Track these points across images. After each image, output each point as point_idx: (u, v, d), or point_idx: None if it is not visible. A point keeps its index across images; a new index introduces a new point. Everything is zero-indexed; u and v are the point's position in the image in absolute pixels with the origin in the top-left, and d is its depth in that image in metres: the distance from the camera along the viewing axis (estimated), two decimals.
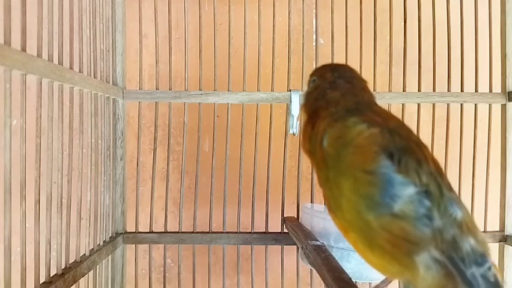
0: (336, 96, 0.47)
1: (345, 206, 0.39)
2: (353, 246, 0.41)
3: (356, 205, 0.38)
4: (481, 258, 0.37)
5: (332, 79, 0.49)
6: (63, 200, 0.58)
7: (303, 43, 0.85)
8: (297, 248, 0.79)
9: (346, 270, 0.49)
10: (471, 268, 0.36)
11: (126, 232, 0.85)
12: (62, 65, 0.57)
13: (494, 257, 0.86)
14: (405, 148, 0.39)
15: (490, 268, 0.37)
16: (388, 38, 0.85)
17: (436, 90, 0.85)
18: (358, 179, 0.38)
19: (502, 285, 0.37)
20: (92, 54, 0.70)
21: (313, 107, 0.48)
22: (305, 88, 0.54)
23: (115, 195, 0.82)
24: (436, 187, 0.38)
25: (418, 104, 0.86)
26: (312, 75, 0.52)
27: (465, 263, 0.36)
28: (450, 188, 0.40)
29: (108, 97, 0.77)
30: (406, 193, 0.37)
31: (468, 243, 0.37)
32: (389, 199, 0.37)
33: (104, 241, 0.75)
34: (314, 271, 0.64)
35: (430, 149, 0.83)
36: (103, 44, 0.75)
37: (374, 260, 0.40)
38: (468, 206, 0.83)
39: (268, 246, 0.85)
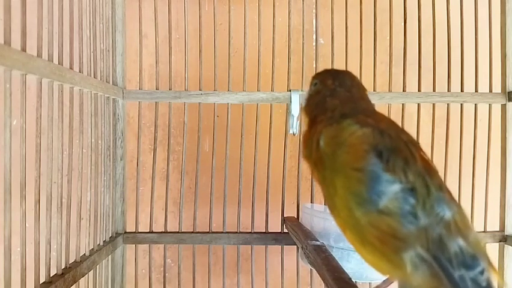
0: (335, 104, 0.48)
1: (339, 204, 0.41)
2: (351, 243, 0.42)
3: (347, 202, 0.40)
4: (471, 260, 0.37)
5: (332, 87, 0.50)
6: (63, 200, 0.58)
7: (303, 43, 0.85)
8: (297, 248, 0.79)
9: (346, 270, 0.49)
10: (459, 270, 0.36)
11: (126, 232, 0.85)
12: (62, 65, 0.57)
13: (494, 257, 0.86)
14: (394, 148, 0.41)
15: (482, 272, 0.36)
16: (388, 38, 0.85)
17: (436, 90, 0.85)
18: (348, 177, 0.40)
19: (500, 286, 0.37)
20: (92, 54, 0.70)
21: (313, 113, 0.50)
22: (306, 89, 0.55)
23: (115, 195, 0.82)
24: (423, 186, 0.39)
25: (418, 104, 0.86)
26: (314, 78, 0.53)
27: (452, 264, 0.36)
28: (440, 188, 0.40)
29: (108, 97, 0.77)
30: (391, 190, 0.38)
31: (456, 244, 0.37)
32: (375, 196, 0.38)
33: (104, 241, 0.75)
34: (314, 271, 0.64)
35: (430, 149, 0.84)
36: (103, 44, 0.75)
37: (367, 257, 0.41)
38: (468, 206, 0.84)
39: (268, 246, 0.85)
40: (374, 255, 0.39)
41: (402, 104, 0.85)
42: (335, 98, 0.49)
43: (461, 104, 0.85)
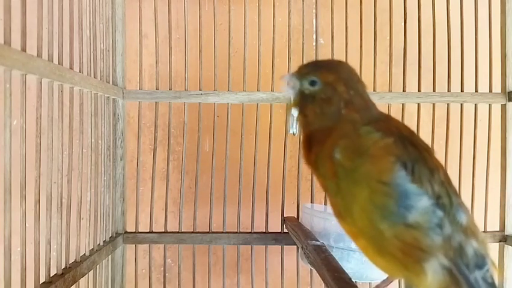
0: (354, 118, 0.43)
1: (358, 214, 0.39)
2: (362, 250, 0.41)
3: (369, 214, 0.38)
4: (481, 261, 0.38)
5: (346, 96, 0.43)
6: (63, 200, 0.58)
7: (303, 43, 0.85)
8: (297, 248, 0.79)
9: (346, 270, 0.49)
10: (474, 272, 0.37)
11: (126, 232, 0.85)
12: (62, 65, 0.57)
13: (494, 256, 0.86)
14: (418, 157, 0.40)
15: (488, 270, 0.38)
16: (388, 38, 0.85)
17: (436, 90, 0.85)
18: (373, 189, 0.38)
19: (500, 285, 0.38)
20: (92, 54, 0.70)
21: (322, 123, 0.44)
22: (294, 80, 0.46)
23: (115, 195, 0.82)
24: (446, 196, 0.39)
25: (418, 104, 0.86)
26: (310, 73, 0.45)
27: (469, 268, 0.37)
28: (456, 194, 0.40)
29: (108, 97, 0.77)
30: (421, 204, 0.37)
31: (471, 247, 0.38)
32: (403, 210, 0.37)
33: (104, 241, 0.74)
34: (314, 271, 0.64)
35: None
36: (103, 44, 0.75)
37: (382, 264, 0.40)
38: (468, 206, 0.83)
39: (268, 246, 0.85)
40: (392, 264, 0.39)
41: (402, 104, 0.85)
42: (353, 111, 0.43)
43: (461, 104, 0.85)
